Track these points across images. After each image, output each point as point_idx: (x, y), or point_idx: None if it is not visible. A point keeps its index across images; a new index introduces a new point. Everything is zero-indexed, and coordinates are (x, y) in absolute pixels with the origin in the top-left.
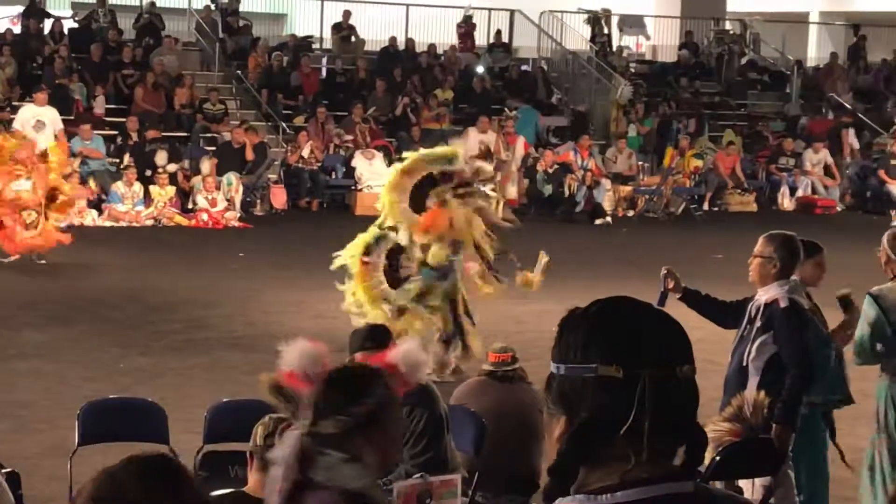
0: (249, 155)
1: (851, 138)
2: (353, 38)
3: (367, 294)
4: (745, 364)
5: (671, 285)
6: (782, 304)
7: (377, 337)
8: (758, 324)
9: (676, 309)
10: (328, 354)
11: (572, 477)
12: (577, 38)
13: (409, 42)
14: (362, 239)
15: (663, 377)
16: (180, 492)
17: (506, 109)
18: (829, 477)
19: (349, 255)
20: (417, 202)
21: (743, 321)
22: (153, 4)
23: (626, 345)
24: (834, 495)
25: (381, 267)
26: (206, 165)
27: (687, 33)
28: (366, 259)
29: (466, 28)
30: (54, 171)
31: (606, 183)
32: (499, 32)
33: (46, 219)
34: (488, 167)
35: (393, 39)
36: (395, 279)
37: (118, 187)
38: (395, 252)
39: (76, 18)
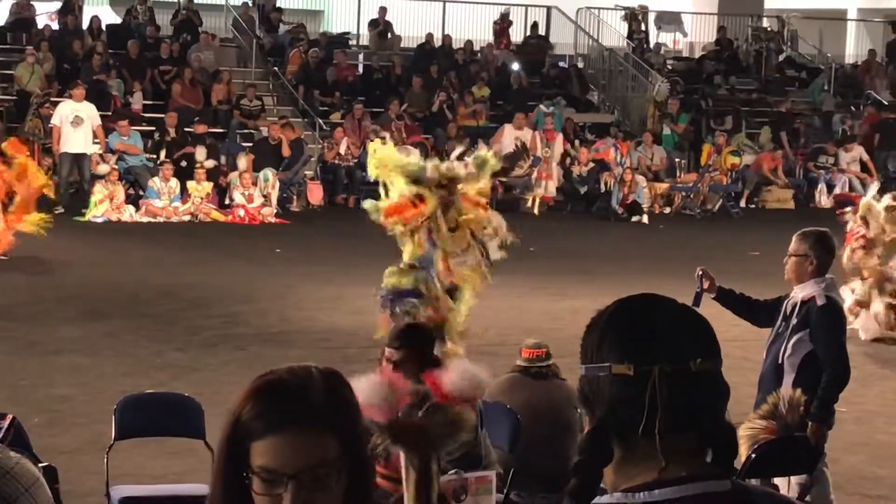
0: (286, 151)
1: None
2: (389, 35)
3: None
4: (780, 362)
5: (706, 285)
6: (819, 302)
7: (405, 338)
8: (794, 321)
9: (711, 308)
10: (404, 390)
11: (595, 476)
12: (614, 34)
13: (446, 38)
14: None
15: (676, 372)
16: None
17: (541, 107)
18: None
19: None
20: None
21: (778, 318)
22: (191, 1)
23: (637, 342)
24: (868, 493)
25: None
26: (243, 161)
27: (720, 29)
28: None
29: (503, 25)
30: (10, 172)
31: (642, 180)
32: (535, 25)
33: (6, 219)
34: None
35: (429, 36)
36: None
37: (155, 183)
38: None
39: (127, 18)
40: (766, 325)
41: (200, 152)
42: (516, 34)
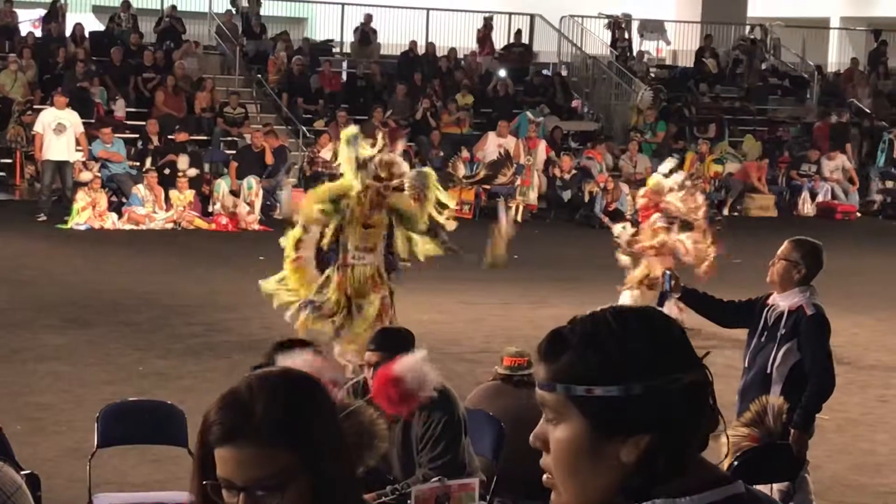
0: (269, 159)
1: None
2: (370, 42)
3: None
4: (769, 371)
5: (672, 285)
6: (809, 312)
7: (382, 341)
8: (782, 331)
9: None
10: (327, 369)
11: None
12: (598, 42)
13: (430, 46)
14: (291, 237)
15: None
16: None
17: (528, 115)
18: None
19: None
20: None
21: (756, 325)
22: (174, 8)
23: (688, 348)
24: (849, 501)
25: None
26: (227, 169)
27: (706, 37)
28: (296, 255)
29: (486, 32)
30: None
31: (625, 188)
32: (519, 32)
33: None
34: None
35: (413, 44)
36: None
37: (138, 190)
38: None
39: (111, 25)
40: (734, 326)
41: (182, 161)
42: (499, 42)
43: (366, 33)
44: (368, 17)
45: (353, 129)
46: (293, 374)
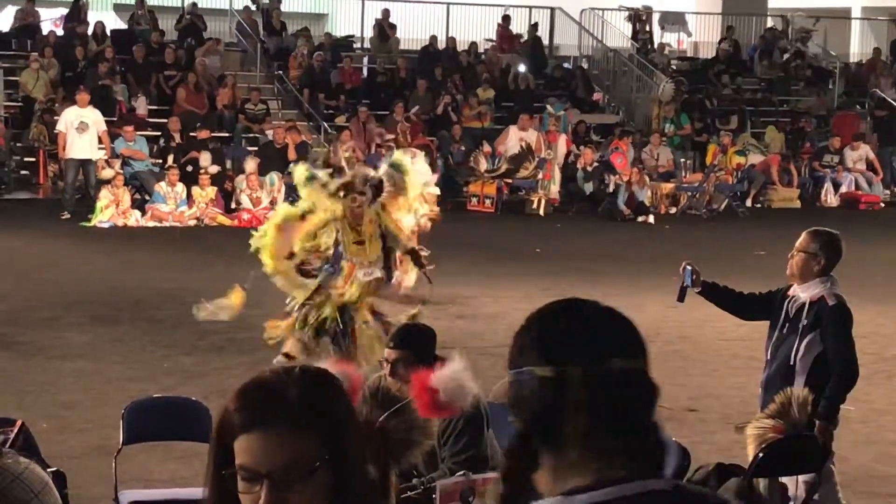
0: (292, 154)
1: None
2: (389, 37)
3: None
4: (792, 363)
5: (693, 279)
6: (831, 303)
7: (401, 338)
8: (804, 322)
9: (700, 304)
10: (358, 377)
11: (524, 483)
12: (618, 35)
13: (450, 41)
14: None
15: (596, 373)
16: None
17: (548, 107)
18: None
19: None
20: None
21: (777, 317)
22: (195, 5)
23: (556, 344)
24: (877, 492)
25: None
26: (251, 164)
27: (728, 28)
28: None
29: (505, 31)
30: None
31: (646, 179)
32: (535, 25)
33: None
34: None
35: (433, 38)
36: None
37: (161, 188)
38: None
39: (131, 23)
40: (753, 318)
41: (205, 158)
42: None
43: (384, 28)
44: (386, 12)
45: (302, 170)
46: (315, 367)
